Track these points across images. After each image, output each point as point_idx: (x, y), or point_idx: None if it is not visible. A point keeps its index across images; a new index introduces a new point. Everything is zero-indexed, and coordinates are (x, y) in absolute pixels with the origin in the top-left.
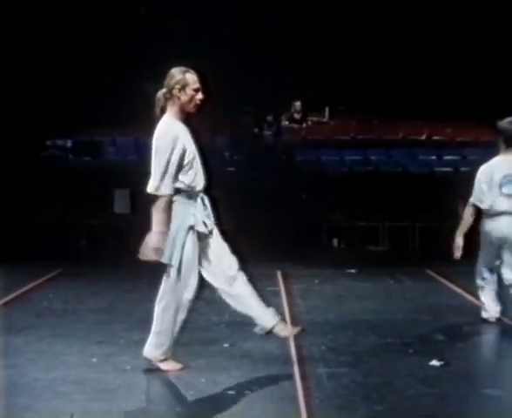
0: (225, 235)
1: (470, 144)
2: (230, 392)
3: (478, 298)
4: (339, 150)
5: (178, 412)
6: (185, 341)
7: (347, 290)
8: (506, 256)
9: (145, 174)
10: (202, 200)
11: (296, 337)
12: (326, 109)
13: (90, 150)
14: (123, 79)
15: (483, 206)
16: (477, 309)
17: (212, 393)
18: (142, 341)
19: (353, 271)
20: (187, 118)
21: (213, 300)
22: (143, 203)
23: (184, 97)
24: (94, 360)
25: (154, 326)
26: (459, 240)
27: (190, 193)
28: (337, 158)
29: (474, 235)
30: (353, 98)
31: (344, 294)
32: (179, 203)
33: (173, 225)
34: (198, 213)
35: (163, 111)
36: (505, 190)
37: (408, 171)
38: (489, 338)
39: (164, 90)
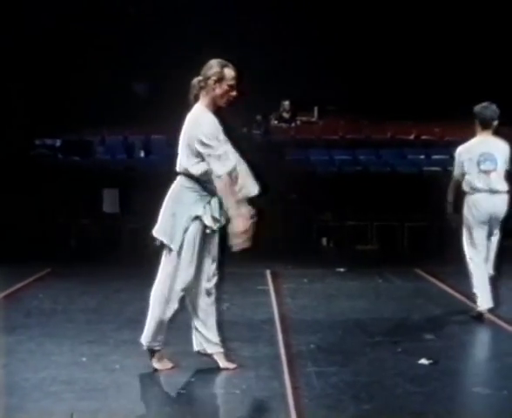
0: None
1: (459, 144)
2: (219, 391)
3: (470, 289)
4: (328, 149)
5: (168, 411)
6: (175, 341)
7: (337, 289)
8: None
9: (134, 174)
10: (219, 200)
11: (285, 336)
12: (315, 108)
13: (79, 149)
14: (112, 79)
15: (463, 186)
16: (466, 308)
17: (201, 392)
18: (131, 341)
19: (342, 270)
20: (217, 111)
21: None
22: (132, 202)
23: (218, 91)
24: (84, 359)
25: (148, 313)
26: (450, 197)
27: (207, 186)
28: (326, 157)
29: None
30: (341, 98)
31: (333, 293)
32: (193, 190)
33: (179, 209)
34: (210, 208)
35: (196, 98)
36: (483, 167)
37: (397, 171)
38: (478, 337)
39: (200, 78)
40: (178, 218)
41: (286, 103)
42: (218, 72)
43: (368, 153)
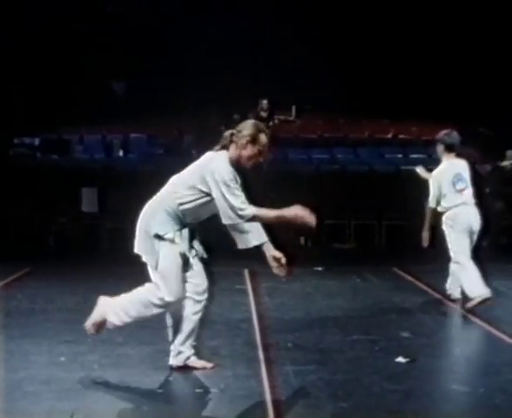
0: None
1: (435, 143)
2: (197, 390)
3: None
4: (306, 148)
5: (146, 411)
6: (153, 340)
7: (314, 288)
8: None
9: (113, 172)
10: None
11: (263, 335)
12: (293, 107)
13: (57, 148)
14: (90, 77)
15: (442, 206)
16: (443, 306)
17: (179, 391)
18: (110, 341)
19: (320, 269)
20: (237, 168)
21: None
22: (110, 202)
23: (248, 151)
24: (62, 359)
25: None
26: (425, 234)
27: (185, 218)
28: (304, 156)
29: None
30: (319, 97)
31: (311, 292)
32: (176, 217)
33: (153, 227)
34: (181, 234)
35: (224, 148)
36: (458, 186)
37: (375, 170)
38: (455, 335)
39: (233, 131)
40: (151, 235)
41: (265, 102)
42: (253, 134)
43: (346, 152)
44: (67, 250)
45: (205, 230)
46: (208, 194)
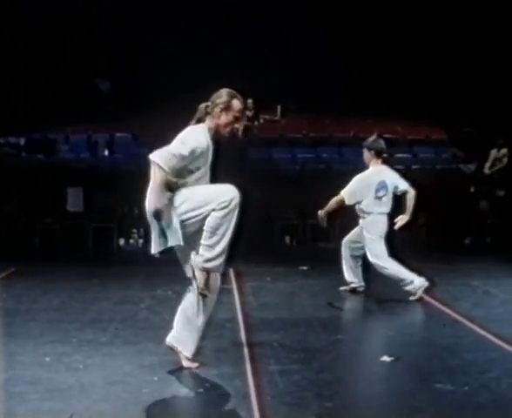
0: None
1: (421, 143)
2: (183, 390)
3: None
4: (291, 147)
5: (131, 411)
6: (138, 340)
7: (299, 287)
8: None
9: (98, 172)
10: None
11: (248, 334)
12: (278, 107)
13: (43, 148)
14: (75, 76)
15: (361, 209)
16: (427, 305)
17: (164, 391)
18: (94, 341)
19: (305, 268)
20: (216, 137)
21: (166, 298)
22: (96, 201)
23: (222, 119)
24: (47, 359)
25: None
26: (321, 213)
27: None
28: (289, 155)
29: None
30: (304, 97)
31: (296, 292)
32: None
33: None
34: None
35: (199, 121)
36: (379, 194)
37: (360, 169)
38: (439, 333)
39: (207, 103)
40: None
41: (249, 101)
42: (226, 102)
43: (331, 151)
44: (52, 250)
45: None
46: (192, 162)
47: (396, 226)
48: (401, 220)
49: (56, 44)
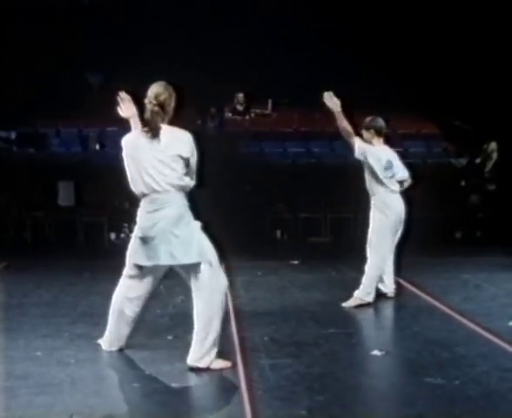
0: None
1: (411, 137)
2: (173, 384)
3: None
4: (282, 142)
5: (122, 405)
6: (129, 334)
7: (290, 281)
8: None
9: (89, 166)
10: None
11: (239, 328)
12: (269, 101)
13: (34, 141)
14: (66, 70)
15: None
16: (417, 299)
17: (155, 385)
18: (86, 335)
19: (296, 262)
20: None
21: (157, 293)
22: (87, 195)
23: (172, 107)
24: (38, 354)
25: None
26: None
27: None
28: (280, 149)
29: None
30: (295, 91)
31: (287, 286)
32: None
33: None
34: None
35: (163, 121)
36: (388, 173)
37: (350, 163)
38: (430, 327)
39: (153, 102)
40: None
41: (241, 95)
42: (168, 94)
43: (322, 145)
44: (43, 244)
45: None
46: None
47: None
48: None
49: (46, 37)
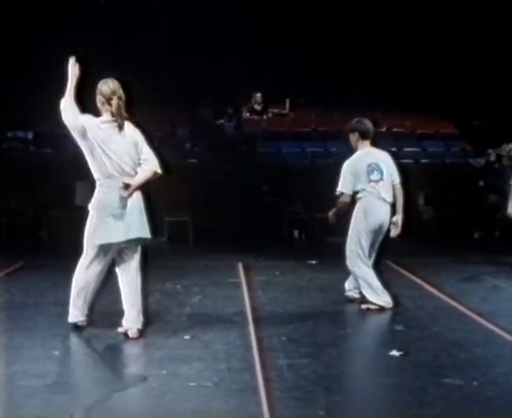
0: (186, 227)
1: (430, 137)
2: (191, 384)
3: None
4: (299, 141)
5: (141, 404)
6: (146, 333)
7: (308, 281)
8: (376, 241)
9: None
10: None
11: (257, 328)
12: (287, 101)
13: (51, 142)
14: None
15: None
16: (436, 300)
17: (173, 385)
18: (103, 334)
19: (313, 262)
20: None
21: (175, 293)
22: None
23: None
24: (56, 353)
25: None
26: (331, 215)
27: None
28: (298, 149)
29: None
30: (312, 91)
31: (304, 286)
32: None
33: None
34: None
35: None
36: (372, 177)
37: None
38: (448, 328)
39: (113, 97)
40: None
41: (258, 95)
42: (113, 90)
43: (340, 145)
44: (60, 244)
45: None
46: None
47: (392, 234)
48: (395, 225)
49: (61, 37)
